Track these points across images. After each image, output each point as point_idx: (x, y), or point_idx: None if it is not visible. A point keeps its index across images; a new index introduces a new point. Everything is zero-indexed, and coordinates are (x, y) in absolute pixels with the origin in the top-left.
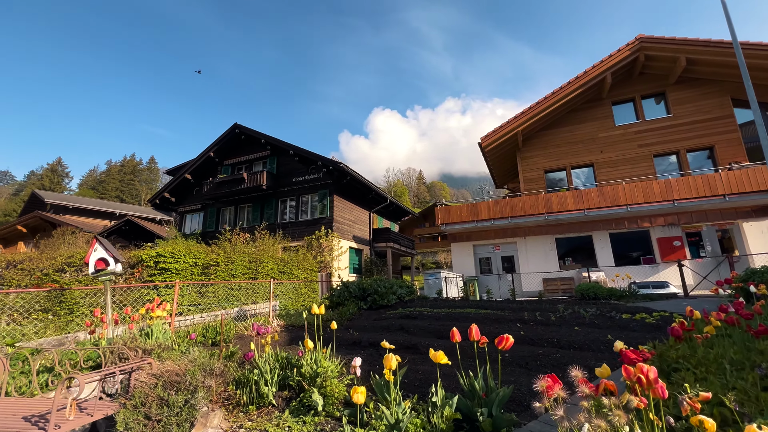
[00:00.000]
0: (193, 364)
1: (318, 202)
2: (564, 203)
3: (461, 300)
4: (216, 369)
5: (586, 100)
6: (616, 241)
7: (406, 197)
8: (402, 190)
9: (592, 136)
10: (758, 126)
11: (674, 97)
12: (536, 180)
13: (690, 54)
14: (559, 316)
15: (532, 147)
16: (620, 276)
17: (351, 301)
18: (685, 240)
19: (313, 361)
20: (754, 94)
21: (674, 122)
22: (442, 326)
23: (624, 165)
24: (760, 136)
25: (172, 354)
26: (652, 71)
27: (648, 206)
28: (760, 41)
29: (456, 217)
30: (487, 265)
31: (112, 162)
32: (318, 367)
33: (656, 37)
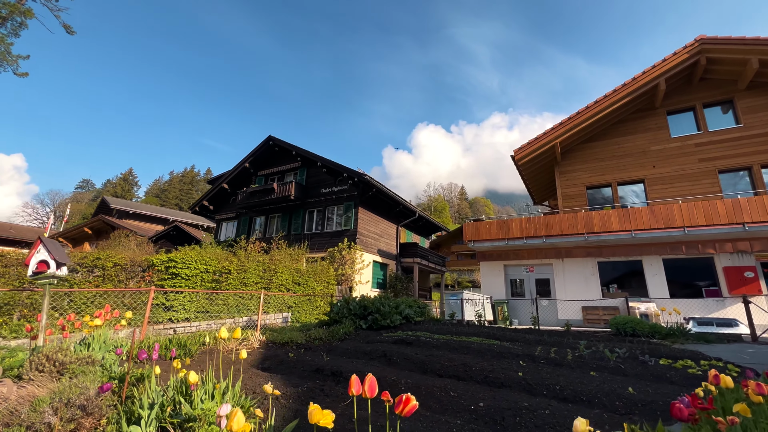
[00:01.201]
0: (51, 393)
1: (343, 213)
2: (608, 223)
3: (475, 326)
4: (77, 401)
5: (635, 109)
6: (671, 268)
7: (446, 213)
8: (443, 206)
9: (642, 149)
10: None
11: (745, 104)
12: (576, 197)
13: (764, 55)
14: (577, 354)
15: (573, 160)
16: (666, 310)
17: (349, 319)
18: (760, 271)
19: (199, 400)
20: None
21: (745, 133)
22: (431, 357)
23: (681, 181)
24: None
25: (84, 370)
26: (717, 76)
27: (711, 229)
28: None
29: (485, 235)
30: (520, 288)
31: (174, 173)
32: (195, 408)
33: (720, 38)
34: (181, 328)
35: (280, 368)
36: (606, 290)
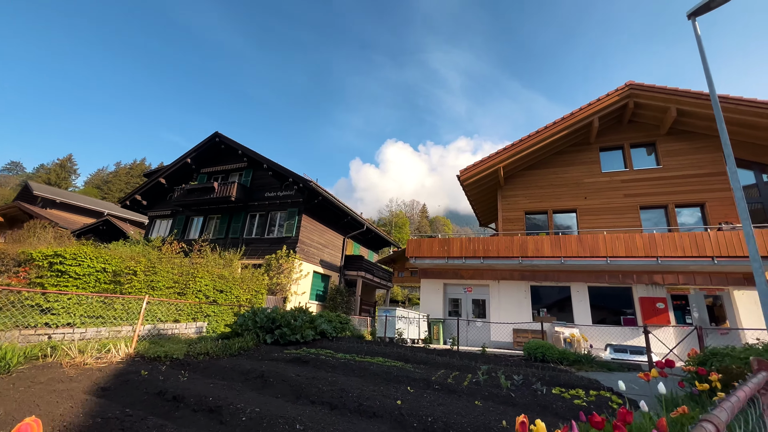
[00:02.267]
0: None
1: (286, 220)
2: (541, 248)
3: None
4: None
5: (573, 143)
6: (595, 295)
7: (406, 229)
8: (404, 222)
9: (577, 181)
10: (732, 183)
11: (665, 148)
12: (516, 221)
13: (680, 105)
14: (475, 381)
15: (515, 186)
16: (577, 337)
17: (253, 333)
18: (670, 302)
19: None
20: (730, 148)
21: (664, 174)
22: (314, 380)
23: (608, 214)
24: (735, 195)
25: None
26: (643, 120)
27: (630, 261)
28: (742, 96)
29: (427, 252)
30: (457, 307)
31: (121, 164)
32: None
33: (646, 85)
34: (60, 335)
35: (118, 390)
36: (536, 314)
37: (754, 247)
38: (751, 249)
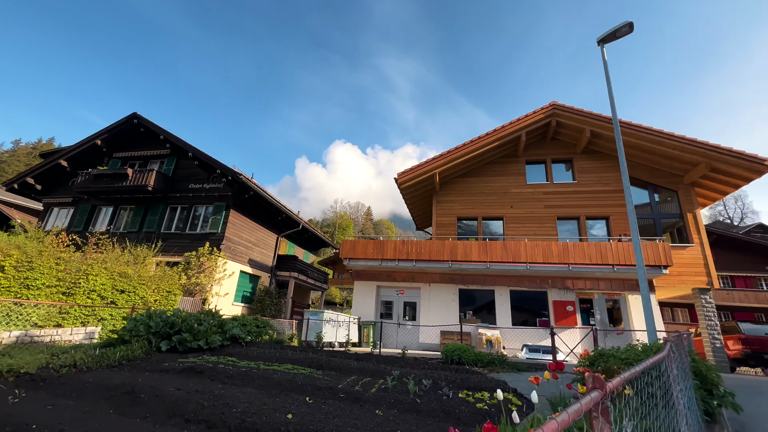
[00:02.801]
0: None
1: (212, 215)
2: (469, 253)
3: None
4: None
5: (503, 154)
6: (516, 299)
7: (350, 231)
8: (348, 223)
9: (505, 190)
10: (627, 199)
11: (580, 165)
12: (449, 226)
13: (594, 127)
14: (384, 387)
15: (449, 192)
16: (496, 337)
17: (145, 339)
18: (578, 306)
19: None
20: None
21: (578, 189)
22: (196, 395)
23: (531, 223)
24: (628, 210)
25: None
26: (564, 138)
27: (546, 267)
28: (642, 124)
29: (361, 253)
30: (389, 310)
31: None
32: None
33: (566, 106)
34: None
35: None
36: (463, 316)
37: (640, 257)
38: (638, 258)
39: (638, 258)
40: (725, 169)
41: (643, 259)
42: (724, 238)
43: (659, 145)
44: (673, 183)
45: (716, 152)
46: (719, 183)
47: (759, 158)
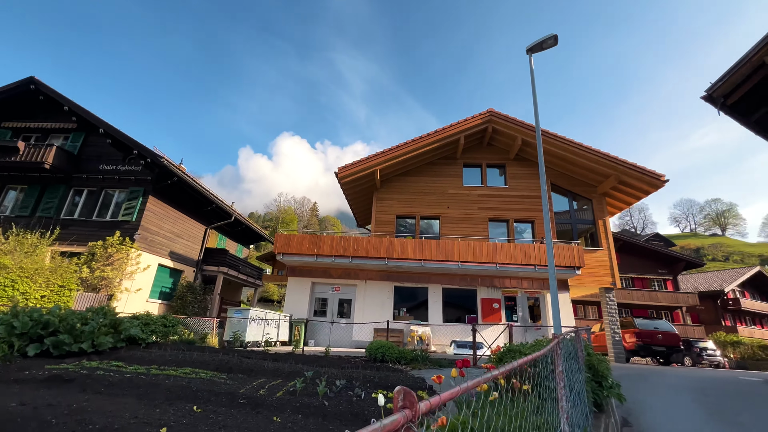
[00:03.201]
0: None
1: (126, 200)
2: (405, 251)
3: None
4: None
5: (443, 156)
6: (448, 296)
7: (294, 225)
8: (292, 218)
9: (443, 191)
10: (544, 204)
11: (512, 171)
12: (387, 223)
13: (525, 136)
14: (292, 389)
15: (390, 190)
16: (427, 334)
17: (5, 342)
18: (503, 303)
19: None
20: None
21: (509, 193)
22: (48, 409)
23: (465, 223)
24: (544, 213)
25: None
26: (498, 144)
27: (476, 266)
28: (565, 136)
29: (296, 248)
30: (324, 307)
31: None
32: None
33: (502, 114)
34: None
35: None
36: (397, 313)
37: (551, 258)
38: (550, 259)
39: (550, 259)
40: (631, 182)
41: (554, 261)
42: (628, 244)
43: (579, 157)
44: (588, 192)
45: (624, 166)
46: (625, 194)
47: (657, 174)
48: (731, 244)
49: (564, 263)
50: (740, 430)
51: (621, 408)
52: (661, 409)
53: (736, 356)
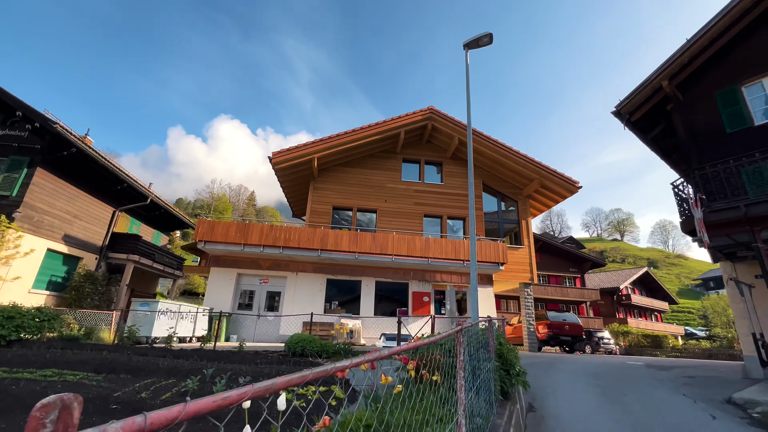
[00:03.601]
0: None
1: (5, 171)
2: (340, 242)
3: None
4: None
5: (383, 149)
6: (381, 289)
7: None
8: (226, 207)
9: (381, 184)
10: (470, 203)
11: (448, 169)
12: (323, 214)
13: (462, 136)
14: (183, 390)
15: (328, 180)
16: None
17: None
18: (433, 296)
19: None
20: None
21: (444, 191)
22: None
23: (401, 218)
24: (469, 212)
25: None
26: (437, 142)
27: (409, 259)
28: (497, 139)
29: (221, 236)
30: (250, 300)
31: None
32: None
33: (442, 113)
34: None
35: None
36: (329, 306)
37: (473, 254)
38: (472, 254)
39: (472, 254)
40: (551, 186)
41: (476, 255)
42: (546, 245)
43: (509, 160)
44: (515, 194)
45: (547, 171)
46: (546, 198)
47: (573, 180)
48: (627, 248)
49: (490, 259)
50: (624, 407)
51: (527, 394)
52: (561, 394)
53: (625, 344)
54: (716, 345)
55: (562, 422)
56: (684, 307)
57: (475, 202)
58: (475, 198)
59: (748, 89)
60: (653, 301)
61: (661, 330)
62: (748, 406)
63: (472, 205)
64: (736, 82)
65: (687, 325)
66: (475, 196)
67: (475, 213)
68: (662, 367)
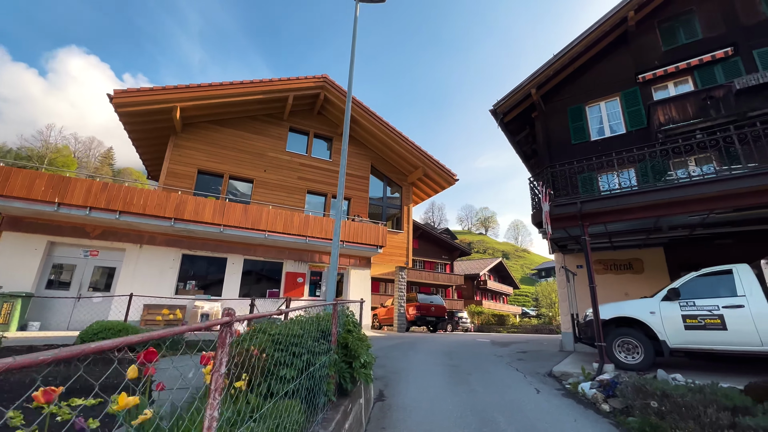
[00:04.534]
0: None
1: None
2: (201, 212)
3: None
4: None
5: (269, 113)
6: (250, 269)
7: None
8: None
9: (262, 152)
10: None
11: (337, 146)
12: (185, 177)
13: (356, 113)
14: None
15: (195, 137)
16: (216, 310)
17: None
18: (308, 277)
19: None
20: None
21: (331, 168)
22: None
23: (281, 191)
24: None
25: None
26: (329, 116)
27: (285, 237)
28: (389, 123)
29: (23, 191)
30: (68, 277)
31: None
32: None
33: (337, 85)
34: None
35: None
36: (183, 287)
37: (338, 232)
38: (336, 233)
39: (336, 231)
40: (433, 176)
41: (340, 234)
42: (426, 233)
43: (398, 145)
44: (400, 180)
45: (430, 161)
46: (428, 187)
47: (452, 173)
48: (489, 242)
49: (370, 242)
50: (468, 387)
51: (381, 380)
52: (414, 379)
53: (478, 322)
54: (541, 321)
55: (407, 410)
56: (523, 291)
57: (362, 183)
58: (361, 179)
59: (590, 109)
60: (503, 286)
61: (505, 310)
62: (563, 378)
63: (343, 173)
64: (582, 101)
65: (523, 306)
66: (362, 178)
67: (361, 195)
68: (503, 343)
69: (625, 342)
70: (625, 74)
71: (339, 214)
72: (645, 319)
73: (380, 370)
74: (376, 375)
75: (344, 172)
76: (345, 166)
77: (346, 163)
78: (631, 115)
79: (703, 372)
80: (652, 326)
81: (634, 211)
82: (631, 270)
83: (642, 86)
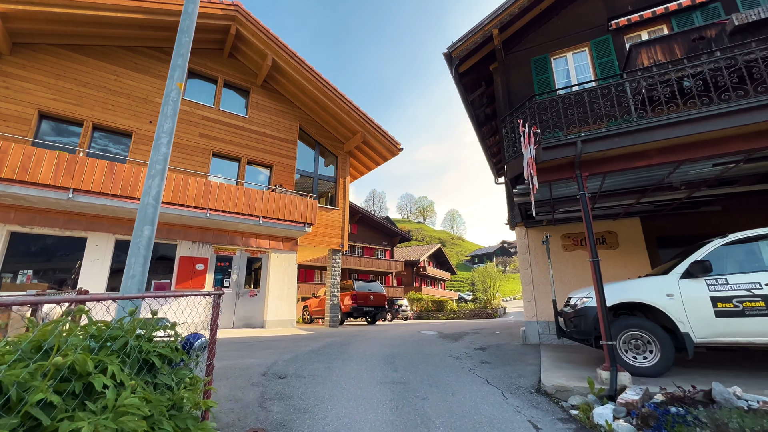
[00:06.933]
0: None
1: None
2: (35, 170)
3: None
4: None
5: (158, 47)
6: (124, 252)
7: None
8: None
9: (145, 96)
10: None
11: (256, 100)
12: (17, 120)
13: (278, 57)
14: None
15: (34, 62)
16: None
17: None
18: (212, 263)
19: None
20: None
21: (248, 126)
22: None
23: (176, 150)
24: None
25: None
26: (244, 61)
27: (175, 209)
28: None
29: None
30: None
31: None
32: None
33: (254, 18)
34: None
35: None
36: (12, 279)
37: None
38: None
39: None
40: (374, 144)
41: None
42: (365, 218)
43: (332, 103)
44: (336, 147)
45: (371, 125)
46: (368, 158)
47: (395, 141)
48: (427, 230)
49: (295, 218)
50: (424, 420)
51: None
52: (336, 416)
53: (417, 309)
54: (477, 306)
55: None
56: (459, 277)
57: (288, 149)
58: (287, 143)
59: (556, 61)
60: (441, 272)
61: (444, 296)
62: (561, 396)
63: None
64: (548, 51)
65: (459, 291)
66: (287, 141)
67: (287, 162)
68: (453, 336)
69: (634, 337)
70: (596, 21)
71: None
72: (661, 304)
73: (280, 404)
74: (271, 418)
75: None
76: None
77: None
78: (602, 67)
79: (728, 371)
80: (670, 314)
81: (651, 154)
82: (604, 245)
83: (614, 34)
